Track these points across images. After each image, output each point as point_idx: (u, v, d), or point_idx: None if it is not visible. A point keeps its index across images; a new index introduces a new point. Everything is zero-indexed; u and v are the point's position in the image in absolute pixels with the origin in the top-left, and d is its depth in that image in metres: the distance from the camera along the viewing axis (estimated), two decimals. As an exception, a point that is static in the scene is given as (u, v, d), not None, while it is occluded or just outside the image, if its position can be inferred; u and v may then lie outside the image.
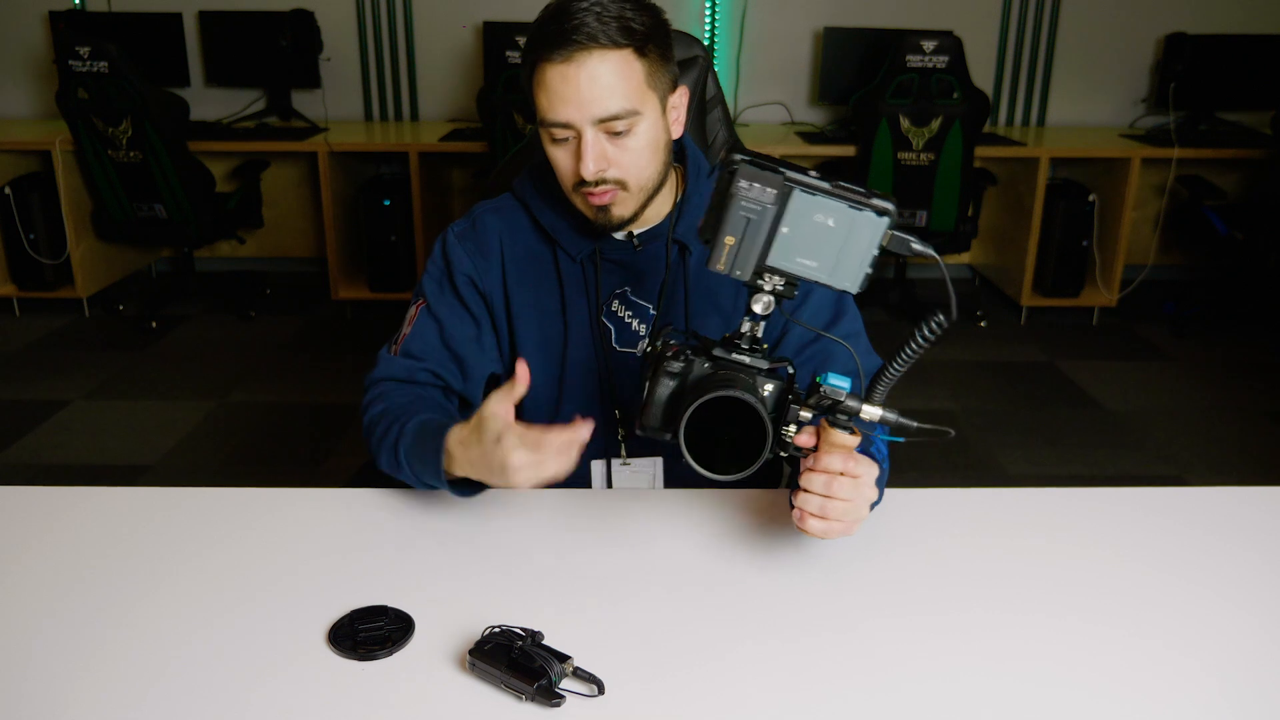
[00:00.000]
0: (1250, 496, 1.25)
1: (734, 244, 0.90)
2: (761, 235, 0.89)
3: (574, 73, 1.12)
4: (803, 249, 0.90)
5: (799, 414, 0.95)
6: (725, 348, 0.95)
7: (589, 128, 1.14)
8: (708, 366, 0.95)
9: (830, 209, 0.88)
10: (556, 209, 1.29)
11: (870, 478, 0.98)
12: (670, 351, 0.96)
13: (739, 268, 0.91)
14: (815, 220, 0.89)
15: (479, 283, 1.31)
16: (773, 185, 0.88)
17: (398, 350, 1.29)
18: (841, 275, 0.90)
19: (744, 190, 0.88)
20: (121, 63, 3.47)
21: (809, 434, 0.96)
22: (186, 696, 0.88)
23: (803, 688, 0.90)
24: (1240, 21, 4.25)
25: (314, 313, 4.17)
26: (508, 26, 3.84)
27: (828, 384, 0.93)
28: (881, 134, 3.63)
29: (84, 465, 2.86)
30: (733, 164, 0.89)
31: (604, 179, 1.16)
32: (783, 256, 0.90)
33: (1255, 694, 0.90)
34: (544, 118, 1.16)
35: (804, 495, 0.97)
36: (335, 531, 1.15)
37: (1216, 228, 3.91)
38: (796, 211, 0.89)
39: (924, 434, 0.93)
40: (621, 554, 1.10)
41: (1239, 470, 2.91)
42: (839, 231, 0.89)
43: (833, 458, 0.95)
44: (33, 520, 1.16)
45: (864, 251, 0.89)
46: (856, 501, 0.97)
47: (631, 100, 1.14)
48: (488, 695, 0.88)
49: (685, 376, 0.96)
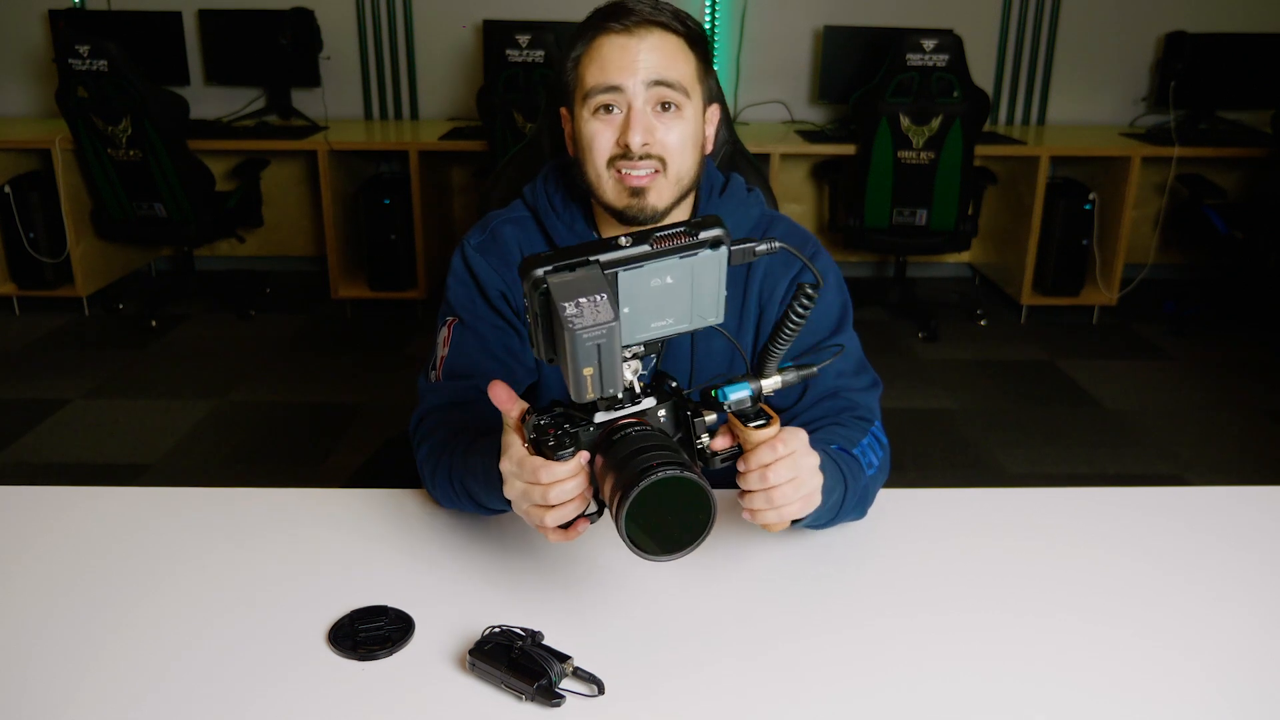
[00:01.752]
0: (1250, 496, 1.25)
1: (594, 372, 0.80)
2: (617, 348, 0.79)
3: (634, 42, 1.14)
4: (652, 315, 0.84)
5: (704, 421, 0.92)
6: (605, 407, 0.89)
7: (641, 95, 1.14)
8: (594, 432, 0.89)
9: (662, 270, 0.82)
10: (572, 225, 1.26)
11: (802, 444, 0.93)
12: (549, 440, 0.88)
13: (609, 386, 0.81)
14: (653, 285, 0.82)
15: (510, 298, 1.27)
16: (596, 288, 0.79)
17: (439, 374, 1.23)
18: (700, 315, 0.85)
19: (576, 320, 0.77)
20: (121, 61, 3.47)
21: (723, 436, 0.93)
22: (187, 696, 0.88)
23: (803, 687, 0.90)
24: (1240, 20, 4.25)
25: (314, 312, 4.17)
26: (508, 25, 3.84)
27: (729, 399, 0.90)
28: (881, 133, 3.63)
29: (84, 465, 2.86)
30: (541, 283, 0.80)
31: (648, 153, 1.15)
32: (636, 330, 0.84)
33: (1255, 694, 0.90)
34: (594, 85, 1.15)
35: (747, 496, 0.93)
36: (335, 531, 1.15)
37: (1216, 227, 3.91)
38: (630, 287, 0.82)
39: (826, 360, 0.94)
40: (622, 554, 1.10)
41: (1239, 470, 2.91)
42: (681, 283, 0.83)
43: (759, 452, 0.91)
44: (33, 520, 1.16)
45: (714, 286, 0.85)
46: (800, 478, 0.93)
47: (685, 78, 1.16)
48: (488, 695, 0.88)
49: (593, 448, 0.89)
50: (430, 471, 1.15)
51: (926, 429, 3.14)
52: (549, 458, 0.88)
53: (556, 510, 0.90)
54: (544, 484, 0.89)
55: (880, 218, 3.79)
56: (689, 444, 0.93)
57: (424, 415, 1.21)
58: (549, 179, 1.29)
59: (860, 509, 1.14)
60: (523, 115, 3.64)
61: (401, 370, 3.53)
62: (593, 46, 1.16)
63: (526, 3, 4.22)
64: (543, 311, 0.81)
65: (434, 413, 1.20)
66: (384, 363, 3.63)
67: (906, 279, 4.21)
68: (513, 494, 0.93)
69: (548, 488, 0.89)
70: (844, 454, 1.11)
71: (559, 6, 4.19)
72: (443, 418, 1.19)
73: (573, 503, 0.90)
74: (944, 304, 4.25)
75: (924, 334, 3.91)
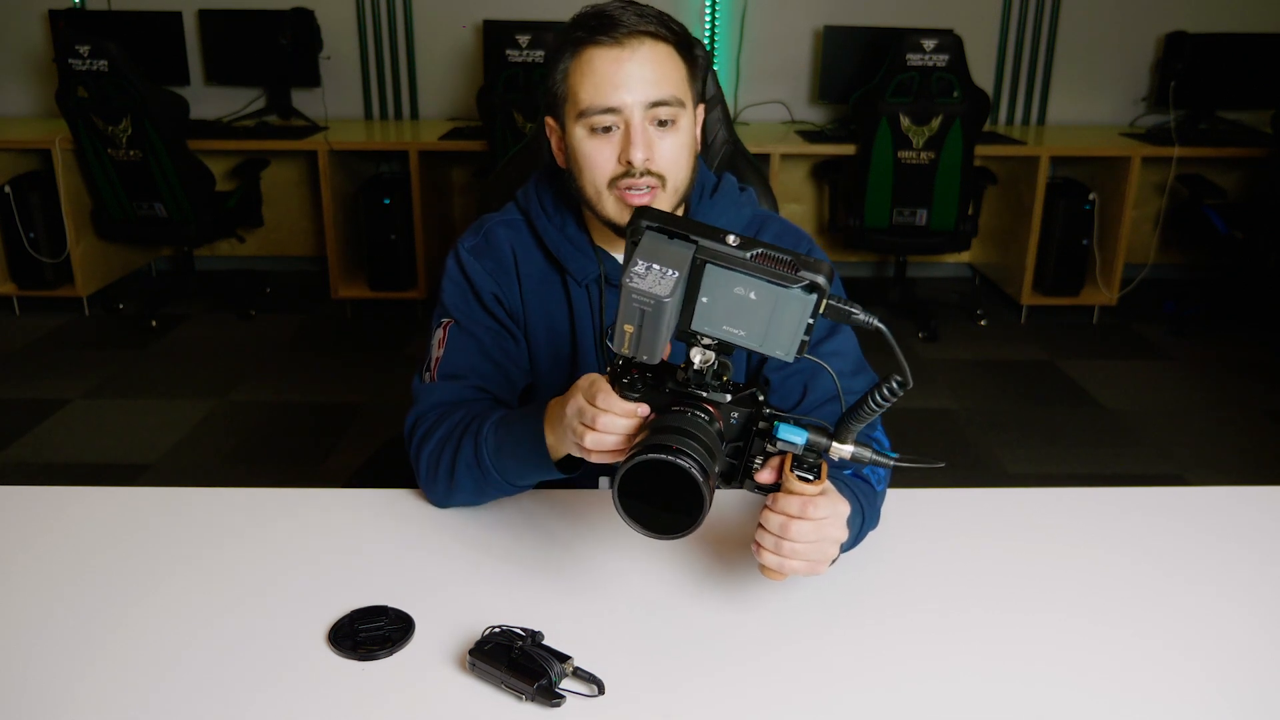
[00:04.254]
0: (1250, 496, 1.25)
1: (634, 331, 0.82)
2: (662, 324, 0.81)
3: (626, 56, 1.11)
4: (727, 318, 0.84)
5: (765, 446, 0.91)
6: (691, 384, 0.90)
7: (639, 113, 1.12)
8: (667, 396, 0.90)
9: (749, 284, 0.82)
10: (564, 229, 1.26)
11: (838, 518, 0.93)
12: (625, 378, 0.91)
13: (644, 352, 0.83)
14: (735, 293, 0.82)
15: (504, 300, 1.27)
16: (675, 264, 0.80)
17: (435, 376, 1.22)
18: (773, 344, 0.84)
19: (638, 278, 0.80)
20: (121, 61, 3.46)
21: (770, 470, 0.92)
22: (187, 696, 0.88)
23: (803, 687, 0.90)
24: (1240, 20, 4.25)
25: (314, 312, 4.17)
26: (508, 25, 3.84)
27: (780, 438, 0.89)
28: (882, 133, 3.63)
29: (84, 464, 2.86)
30: (639, 231, 0.82)
31: (648, 170, 1.14)
32: (706, 322, 0.85)
33: (1255, 694, 0.90)
34: (590, 105, 1.12)
35: (760, 532, 0.93)
36: (335, 531, 1.15)
37: (1216, 227, 3.91)
38: (713, 283, 0.82)
39: (909, 464, 0.90)
40: (621, 554, 1.10)
41: (1239, 470, 2.91)
42: (763, 305, 0.82)
43: (790, 501, 0.90)
44: (33, 520, 1.16)
45: (794, 325, 0.83)
46: (819, 543, 0.92)
47: (679, 91, 1.14)
48: (488, 695, 0.88)
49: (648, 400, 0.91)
50: (445, 462, 1.14)
51: (926, 429, 3.14)
52: (618, 393, 0.91)
53: (597, 434, 0.92)
54: (598, 407, 0.92)
55: (880, 218, 3.79)
56: (744, 455, 0.92)
57: (420, 416, 1.21)
58: (540, 184, 1.29)
59: (874, 523, 1.13)
60: (523, 115, 3.64)
61: (401, 370, 3.53)
62: (582, 60, 1.13)
63: (526, 3, 4.22)
64: (628, 256, 0.84)
65: (432, 411, 1.20)
66: (384, 363, 3.63)
67: (906, 279, 4.21)
68: (570, 407, 0.96)
69: (599, 412, 0.91)
70: (856, 479, 1.10)
71: (559, 6, 4.17)
72: (444, 414, 1.19)
73: (614, 437, 0.92)
74: (944, 304, 4.25)
75: (924, 334, 3.91)
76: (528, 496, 1.19)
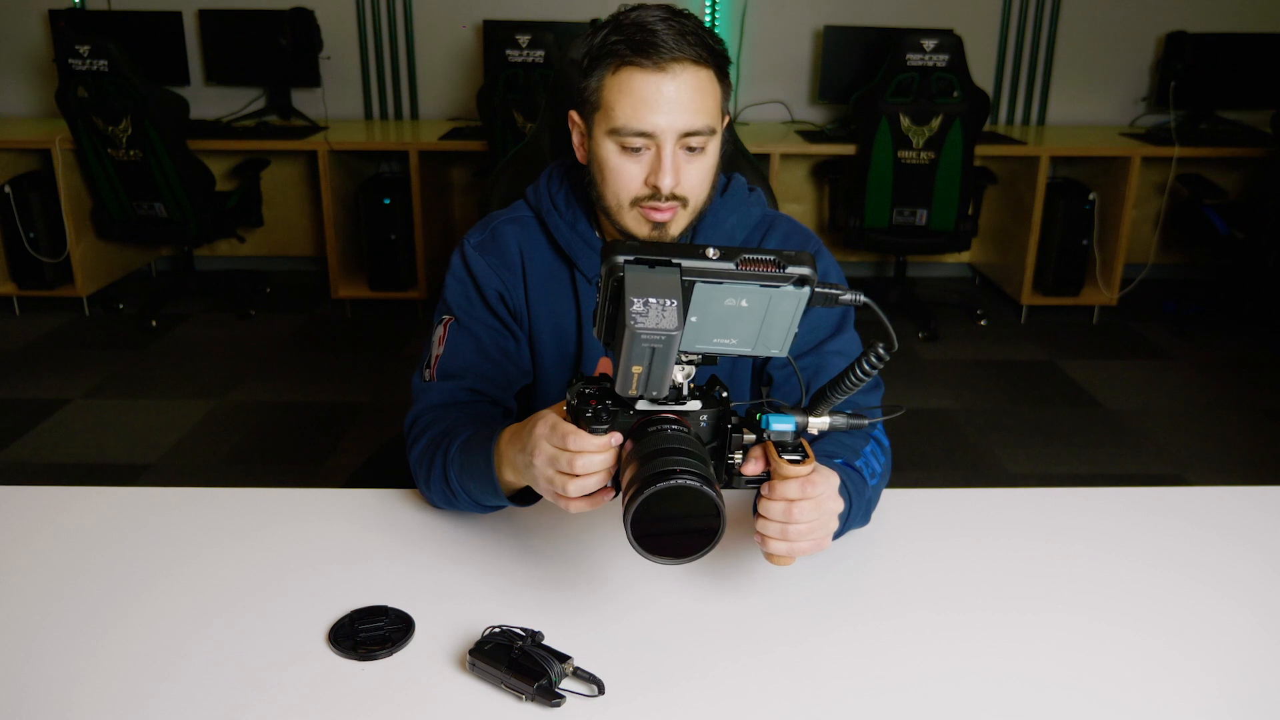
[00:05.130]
0: (1250, 496, 1.25)
1: (642, 371, 0.80)
2: (671, 356, 0.79)
3: (668, 82, 1.09)
4: (717, 331, 0.83)
5: (742, 439, 0.91)
6: (650, 399, 0.88)
7: (671, 140, 1.11)
8: (633, 417, 0.89)
9: (740, 293, 0.81)
10: (575, 226, 1.25)
11: (832, 489, 0.94)
12: (588, 411, 0.88)
13: (654, 388, 0.82)
14: (726, 305, 0.81)
15: (508, 299, 1.27)
16: (669, 293, 0.78)
17: (433, 374, 1.23)
18: (766, 345, 0.84)
19: (640, 318, 0.77)
20: (121, 61, 3.46)
21: (755, 461, 0.92)
22: (187, 696, 0.88)
23: (803, 688, 0.90)
24: (1240, 20, 4.25)
25: (314, 311, 4.17)
26: (507, 25, 3.84)
27: (771, 429, 0.89)
28: (882, 133, 3.63)
29: (84, 465, 2.86)
30: (618, 269, 0.79)
31: (673, 194, 1.13)
32: (696, 340, 0.83)
33: (1255, 694, 0.90)
34: (624, 125, 1.10)
35: (762, 522, 0.92)
36: (335, 531, 1.15)
37: (1217, 227, 3.91)
38: (703, 300, 0.81)
39: (879, 420, 0.94)
40: (621, 554, 1.10)
41: (1239, 469, 2.91)
42: (755, 310, 0.82)
43: (788, 486, 0.90)
44: (33, 520, 1.16)
45: (787, 321, 0.83)
46: (821, 519, 0.92)
47: (713, 119, 1.13)
48: (488, 695, 0.88)
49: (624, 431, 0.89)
50: (425, 471, 1.15)
51: (927, 429, 3.14)
52: (583, 428, 0.88)
53: (580, 480, 0.90)
54: (572, 450, 0.89)
55: (880, 218, 3.79)
56: (721, 454, 0.92)
57: (417, 417, 1.21)
58: (553, 179, 1.28)
59: (865, 518, 1.14)
60: (523, 115, 3.64)
61: (401, 370, 3.53)
62: (620, 77, 1.10)
63: (526, 3, 4.22)
64: (613, 297, 0.81)
65: (428, 412, 1.20)
66: (384, 363, 3.63)
67: (906, 279, 4.21)
68: (539, 459, 0.92)
69: (575, 455, 0.89)
70: (848, 469, 1.10)
71: (559, 6, 4.19)
72: (436, 417, 1.19)
73: (596, 476, 0.90)
74: (944, 304, 4.25)
75: (924, 334, 3.91)
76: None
